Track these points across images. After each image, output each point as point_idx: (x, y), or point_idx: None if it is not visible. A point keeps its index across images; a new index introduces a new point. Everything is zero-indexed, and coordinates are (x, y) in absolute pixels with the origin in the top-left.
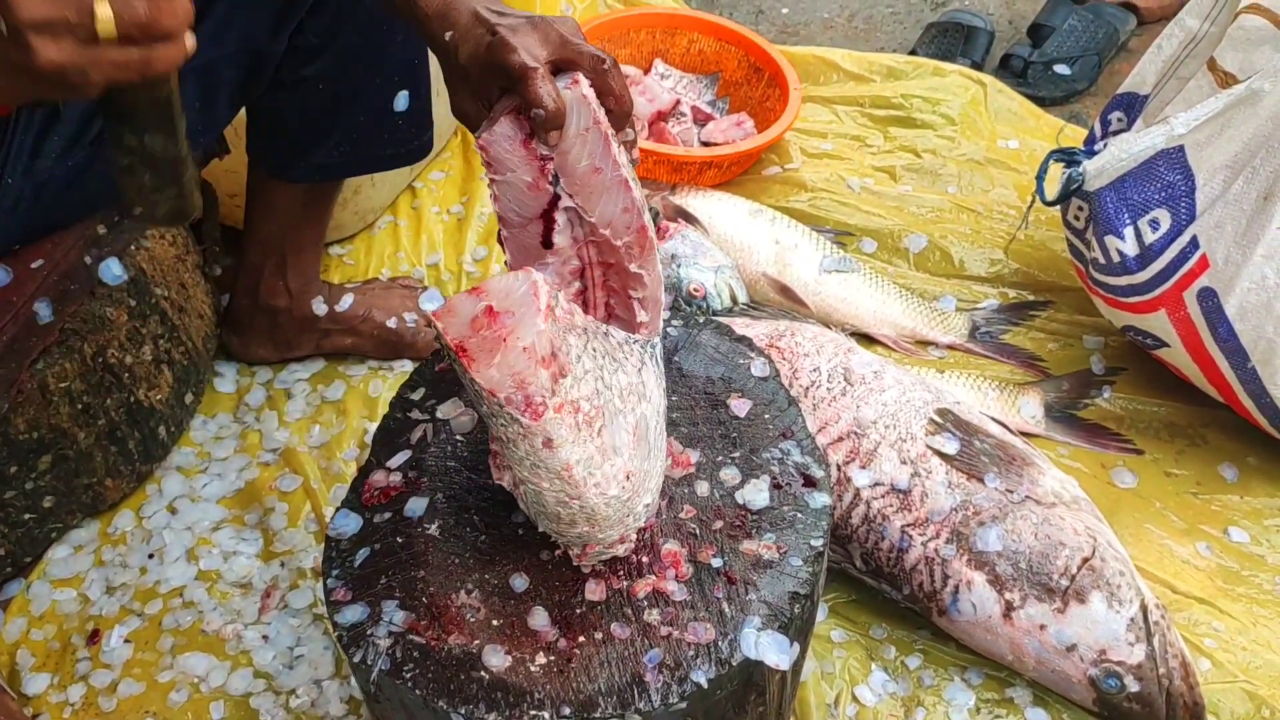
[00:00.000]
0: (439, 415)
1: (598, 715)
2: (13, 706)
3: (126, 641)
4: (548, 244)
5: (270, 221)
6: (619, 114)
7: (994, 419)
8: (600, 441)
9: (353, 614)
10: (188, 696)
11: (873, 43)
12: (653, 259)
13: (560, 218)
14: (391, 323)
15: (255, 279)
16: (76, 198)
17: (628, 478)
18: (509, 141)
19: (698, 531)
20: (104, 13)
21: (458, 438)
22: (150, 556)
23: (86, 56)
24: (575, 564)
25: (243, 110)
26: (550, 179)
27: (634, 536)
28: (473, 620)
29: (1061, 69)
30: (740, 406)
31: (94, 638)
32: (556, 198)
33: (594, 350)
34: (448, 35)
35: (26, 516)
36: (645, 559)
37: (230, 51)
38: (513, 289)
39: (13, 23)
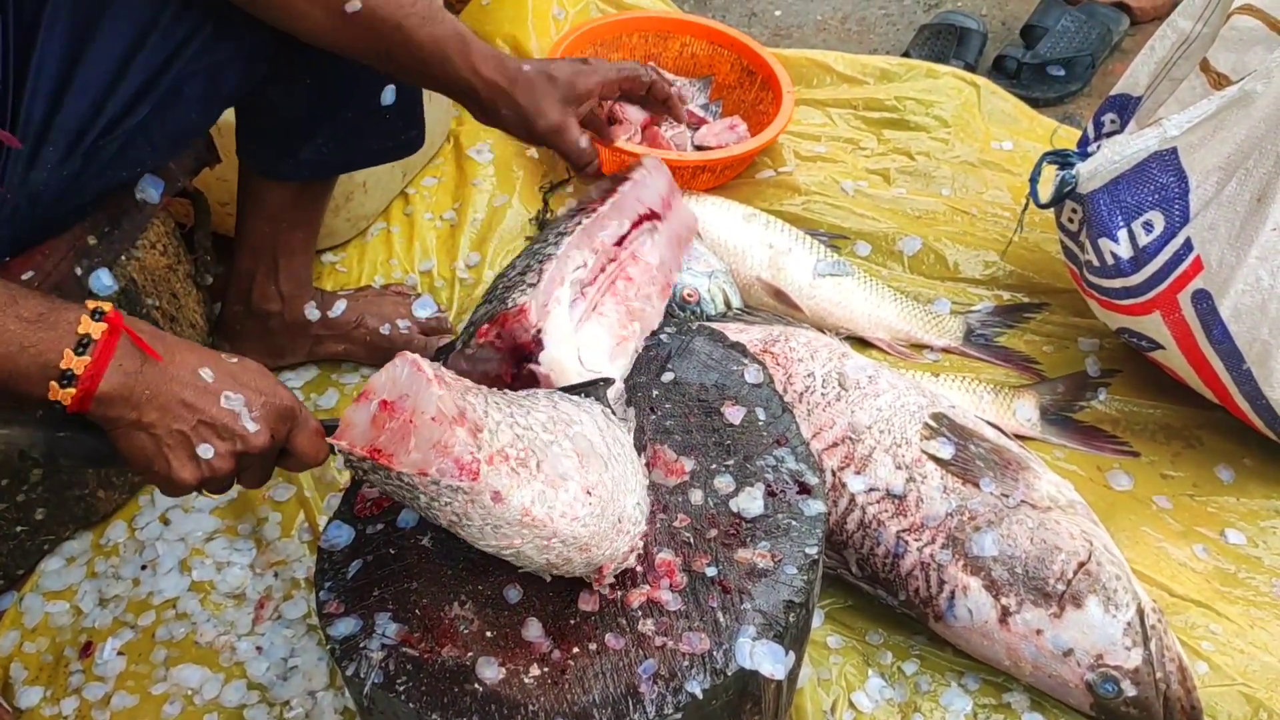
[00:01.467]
0: None
1: None
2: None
3: (120, 654)
4: None
5: (261, 224)
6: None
7: (989, 422)
8: (544, 475)
9: (346, 627)
10: (181, 709)
11: (866, 45)
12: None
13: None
14: (385, 329)
15: (247, 284)
16: (70, 205)
17: (589, 494)
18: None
19: (692, 540)
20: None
21: None
22: (143, 568)
23: (187, 491)
24: (596, 588)
25: (231, 113)
26: None
27: (640, 541)
28: (466, 632)
29: (1055, 70)
30: (734, 414)
31: (87, 650)
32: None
33: (496, 403)
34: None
35: (18, 529)
36: (640, 568)
37: (232, 53)
38: (396, 376)
39: (212, 465)
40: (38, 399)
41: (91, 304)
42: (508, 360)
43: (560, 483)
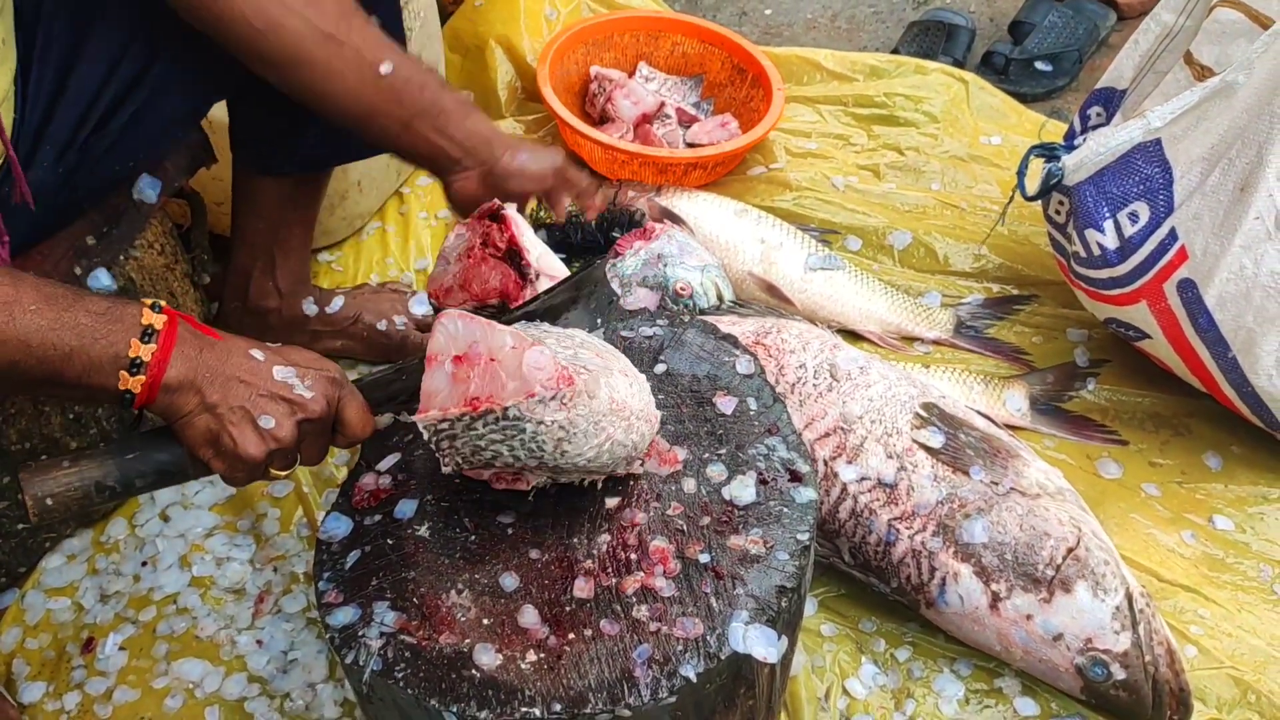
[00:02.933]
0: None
1: (588, 711)
2: (13, 714)
3: (121, 649)
4: None
5: (258, 221)
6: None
7: (979, 412)
8: (600, 370)
9: (344, 616)
10: (183, 702)
11: (855, 42)
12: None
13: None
14: (382, 325)
15: (244, 281)
16: (67, 203)
17: (626, 376)
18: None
19: (685, 528)
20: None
21: None
22: (144, 564)
23: (254, 475)
24: (627, 476)
25: (225, 111)
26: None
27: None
28: (463, 619)
29: (1042, 65)
30: (726, 404)
31: (89, 646)
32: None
33: (530, 330)
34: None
35: (20, 527)
36: (634, 556)
37: (214, 47)
38: (453, 332)
39: (274, 433)
40: (109, 391)
41: (147, 300)
42: (507, 264)
43: (610, 374)
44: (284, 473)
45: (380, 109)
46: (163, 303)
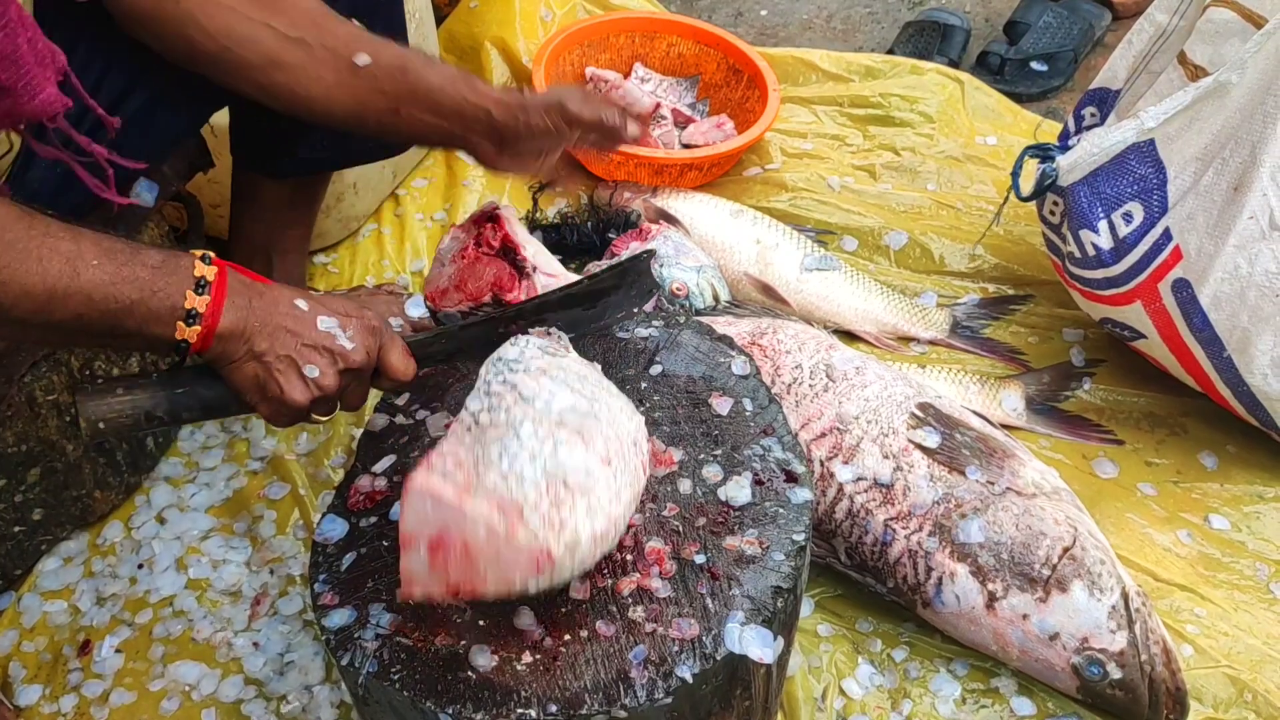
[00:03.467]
0: (428, 428)
1: (584, 712)
2: (9, 717)
3: (117, 651)
4: None
5: (256, 223)
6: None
7: (975, 412)
8: (578, 499)
9: (340, 618)
10: (179, 705)
11: (851, 43)
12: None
13: None
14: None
15: None
16: (63, 204)
17: (609, 464)
18: None
19: (681, 529)
20: (336, 413)
21: None
22: (140, 567)
23: (299, 419)
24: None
25: (224, 114)
26: None
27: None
28: (459, 621)
29: (1038, 65)
30: (722, 405)
31: (85, 648)
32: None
33: (500, 445)
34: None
35: (16, 529)
36: (630, 557)
37: None
38: (423, 512)
39: (319, 382)
40: (166, 340)
41: (197, 251)
42: (501, 260)
43: (591, 488)
44: (325, 418)
45: (366, 101)
46: (211, 254)
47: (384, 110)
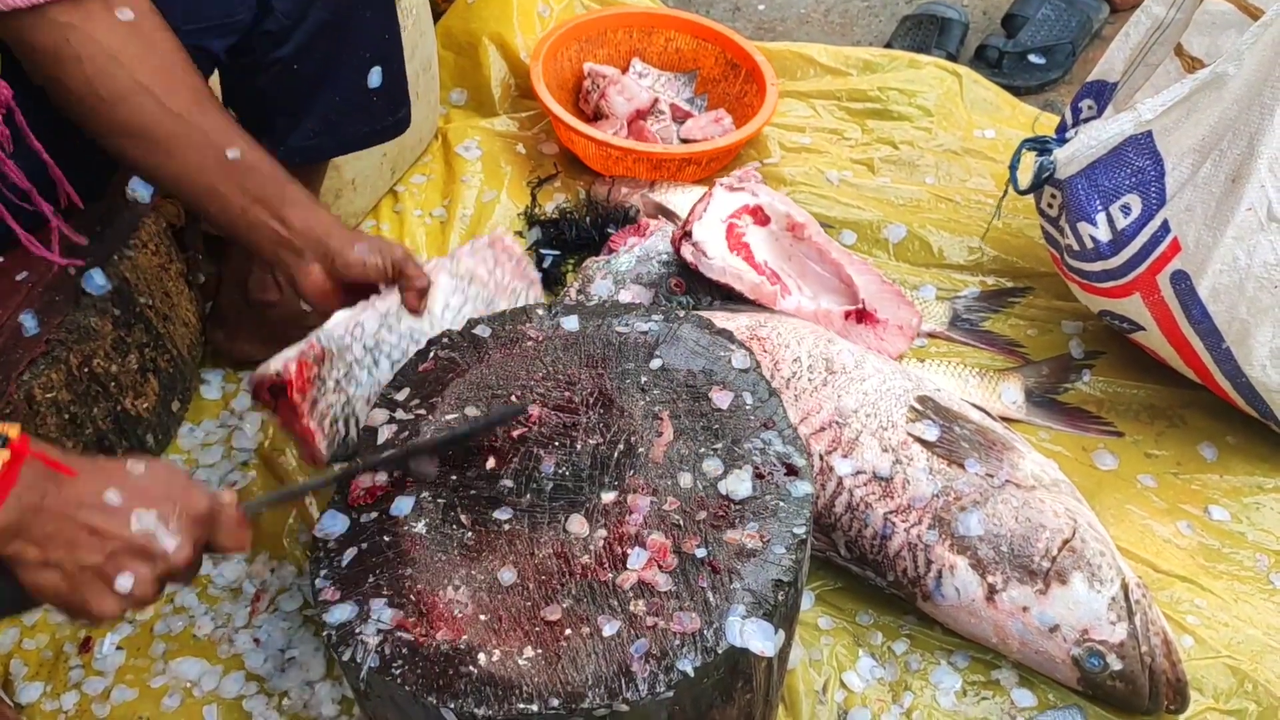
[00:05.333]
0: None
1: (586, 706)
2: (10, 715)
3: (118, 648)
4: None
5: None
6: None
7: (975, 405)
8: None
9: (341, 613)
10: (180, 701)
11: (849, 37)
12: None
13: None
14: None
15: (243, 275)
16: (55, 194)
17: None
18: None
19: (682, 523)
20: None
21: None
22: None
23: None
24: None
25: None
26: None
27: None
28: (460, 615)
29: (1036, 58)
30: (722, 398)
31: (86, 645)
32: None
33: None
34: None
35: None
36: (630, 551)
37: (208, 25)
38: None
39: (135, 593)
40: None
41: (4, 425)
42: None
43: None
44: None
45: (222, 189)
46: (14, 433)
47: (235, 203)
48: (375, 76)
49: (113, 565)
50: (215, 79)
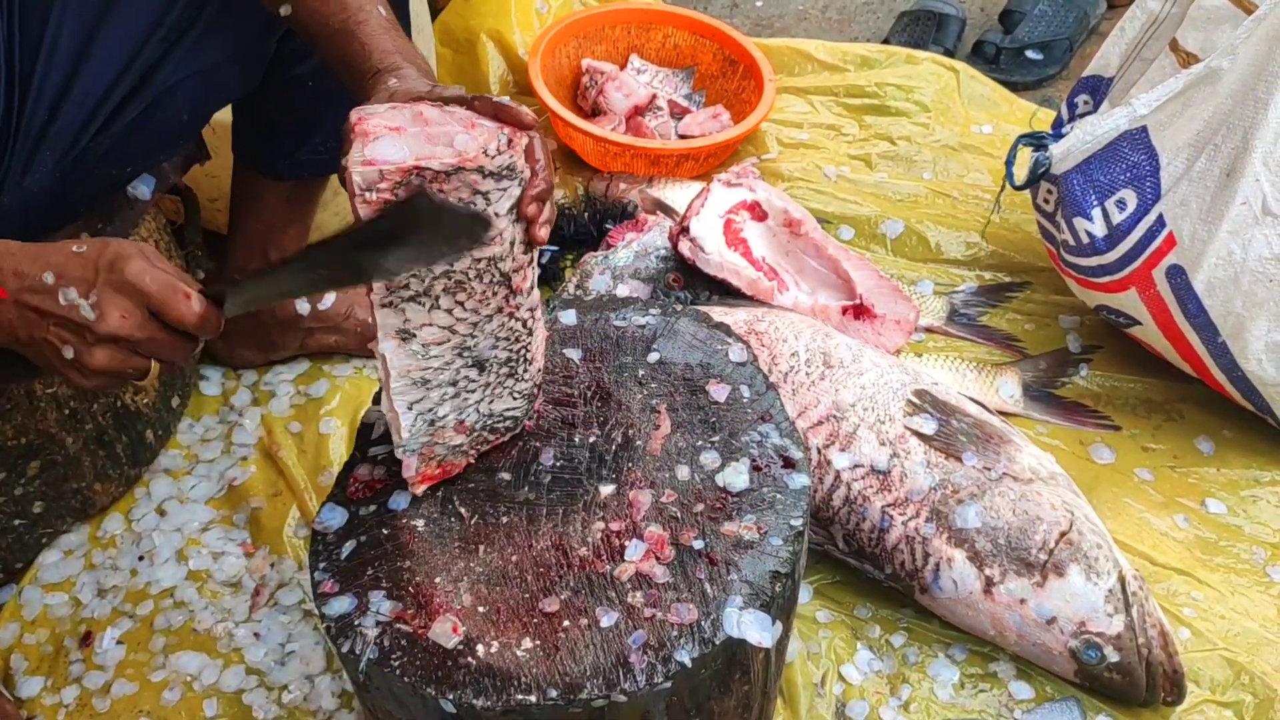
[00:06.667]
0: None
1: (584, 696)
2: (10, 709)
3: (119, 643)
4: None
5: (256, 222)
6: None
7: (972, 399)
8: None
9: (340, 605)
10: (181, 695)
11: (846, 33)
12: None
13: None
14: None
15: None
16: (62, 205)
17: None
18: None
19: (679, 515)
20: (155, 369)
21: None
22: (140, 559)
23: (116, 386)
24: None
25: (228, 112)
26: None
27: None
28: (459, 608)
29: (1033, 54)
30: (719, 391)
31: (86, 640)
32: None
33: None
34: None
35: (16, 522)
36: (628, 543)
37: (225, 57)
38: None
39: (83, 362)
40: None
41: None
42: None
43: None
44: (147, 380)
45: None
46: None
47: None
48: None
49: (56, 338)
50: None
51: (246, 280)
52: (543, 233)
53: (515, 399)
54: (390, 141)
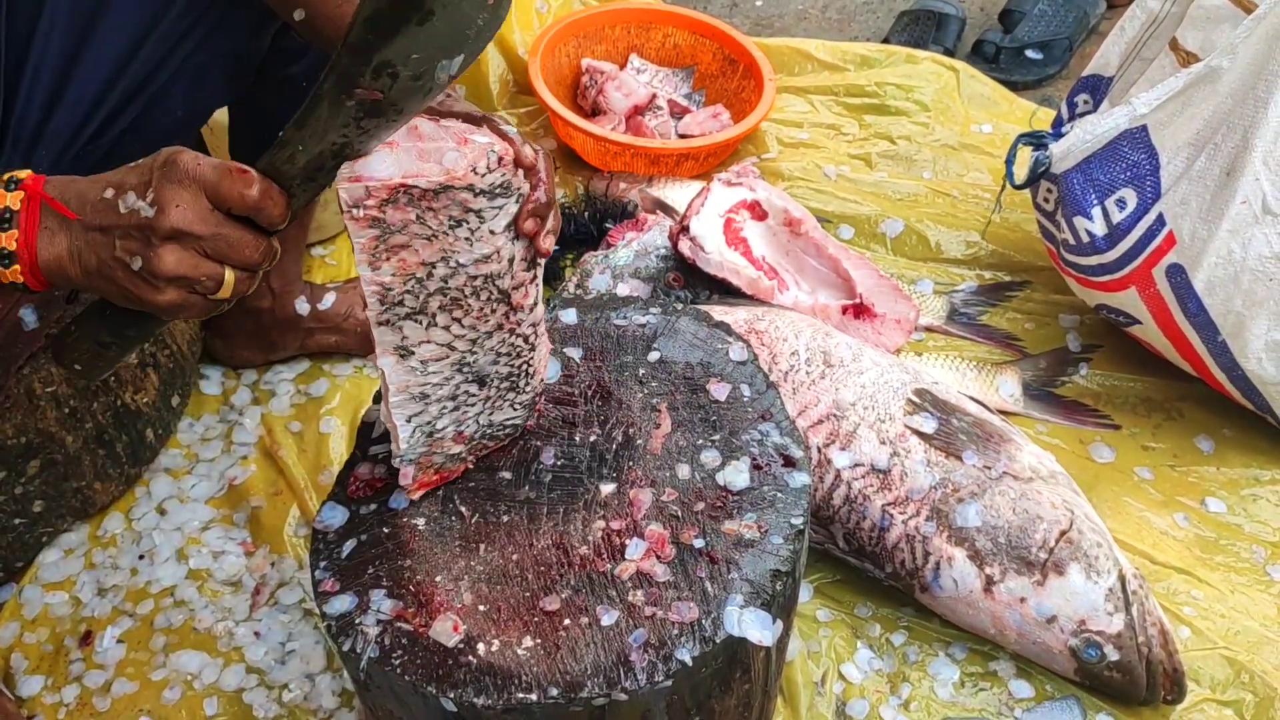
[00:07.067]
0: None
1: (585, 695)
2: (10, 708)
3: (119, 642)
4: None
5: None
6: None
7: (972, 398)
8: None
9: (341, 604)
10: (181, 694)
11: (846, 33)
12: None
13: None
14: None
15: None
16: None
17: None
18: None
19: (680, 513)
20: (229, 278)
21: None
22: (140, 558)
23: (196, 305)
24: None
25: (225, 112)
26: None
27: None
28: (460, 606)
29: (1033, 53)
30: (719, 390)
31: (87, 639)
32: None
33: None
34: None
35: (17, 521)
36: (629, 541)
37: (218, 54)
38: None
39: (152, 270)
40: (4, 289)
41: (6, 174)
42: None
43: None
44: (230, 293)
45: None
46: (23, 175)
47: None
48: None
49: (125, 252)
50: None
51: (286, 134)
52: (547, 243)
53: (516, 409)
54: (380, 157)
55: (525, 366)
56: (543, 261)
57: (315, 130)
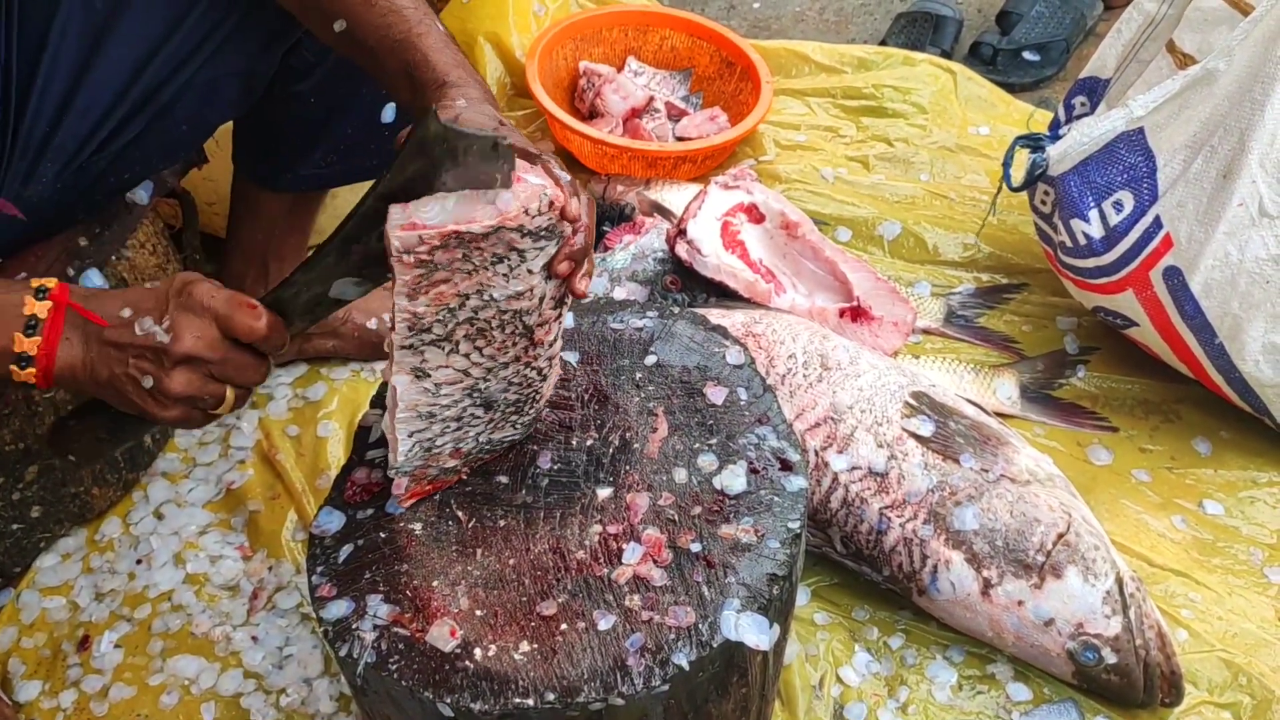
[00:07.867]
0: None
1: (582, 700)
2: (8, 713)
3: (117, 646)
4: None
5: (254, 230)
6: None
7: (969, 401)
8: None
9: (338, 609)
10: (179, 699)
11: (843, 35)
12: None
13: None
14: (372, 324)
15: (238, 287)
16: (62, 215)
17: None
18: None
19: (677, 518)
20: (230, 396)
21: None
22: (138, 562)
23: (196, 419)
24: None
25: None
26: None
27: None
28: (456, 611)
29: (1030, 55)
30: (716, 394)
31: (84, 644)
32: None
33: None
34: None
35: (14, 527)
36: (626, 546)
37: (228, 71)
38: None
39: (163, 389)
40: (13, 381)
41: (35, 282)
42: None
43: None
44: (225, 410)
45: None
46: (52, 284)
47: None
48: (389, 113)
49: (136, 369)
50: None
51: (294, 275)
52: (582, 285)
53: (516, 429)
54: (433, 200)
55: (534, 395)
56: (570, 301)
57: (320, 275)
